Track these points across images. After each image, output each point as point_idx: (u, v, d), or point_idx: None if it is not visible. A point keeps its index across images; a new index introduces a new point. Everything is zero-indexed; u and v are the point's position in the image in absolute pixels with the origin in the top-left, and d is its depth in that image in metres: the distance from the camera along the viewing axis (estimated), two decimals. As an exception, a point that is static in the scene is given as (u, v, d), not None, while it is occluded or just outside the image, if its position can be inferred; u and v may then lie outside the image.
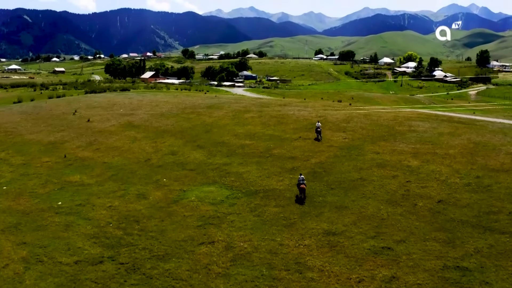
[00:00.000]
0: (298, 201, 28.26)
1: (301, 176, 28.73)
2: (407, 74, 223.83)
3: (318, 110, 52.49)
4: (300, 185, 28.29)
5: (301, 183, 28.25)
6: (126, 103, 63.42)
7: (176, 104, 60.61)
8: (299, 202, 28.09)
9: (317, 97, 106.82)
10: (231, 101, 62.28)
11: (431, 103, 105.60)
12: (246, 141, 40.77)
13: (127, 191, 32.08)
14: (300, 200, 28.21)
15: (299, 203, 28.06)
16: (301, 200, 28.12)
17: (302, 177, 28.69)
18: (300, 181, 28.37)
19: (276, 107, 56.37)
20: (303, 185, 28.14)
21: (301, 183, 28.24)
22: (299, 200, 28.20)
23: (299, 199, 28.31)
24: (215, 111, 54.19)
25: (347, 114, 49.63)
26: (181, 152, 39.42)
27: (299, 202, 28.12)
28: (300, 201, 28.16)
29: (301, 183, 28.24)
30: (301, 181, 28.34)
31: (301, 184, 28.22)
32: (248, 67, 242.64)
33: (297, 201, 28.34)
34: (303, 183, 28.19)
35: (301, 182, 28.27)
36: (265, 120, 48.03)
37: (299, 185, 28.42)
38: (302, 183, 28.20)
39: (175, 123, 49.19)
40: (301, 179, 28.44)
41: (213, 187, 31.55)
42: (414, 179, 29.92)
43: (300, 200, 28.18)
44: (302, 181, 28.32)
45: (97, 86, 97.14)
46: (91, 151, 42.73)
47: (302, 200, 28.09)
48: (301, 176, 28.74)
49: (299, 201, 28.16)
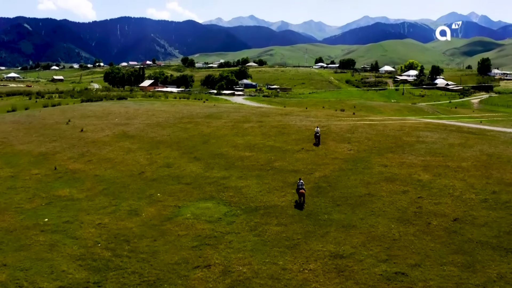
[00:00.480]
0: (297, 206, 27.84)
1: (301, 181, 28.52)
2: (409, 83, 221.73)
3: (320, 120, 50.46)
4: (299, 190, 27.98)
5: (300, 187, 27.99)
6: (121, 112, 61.42)
7: (173, 113, 58.60)
8: (299, 207, 27.69)
9: (318, 106, 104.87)
10: (230, 110, 60.28)
11: (435, 112, 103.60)
12: (245, 152, 38.70)
13: (118, 207, 30.04)
14: (299, 205, 27.84)
15: (298, 208, 27.61)
16: (301, 205, 27.76)
17: (302, 181, 28.51)
18: (299, 185, 28.13)
19: (277, 116, 54.36)
20: (302, 189, 27.88)
21: (300, 188, 27.99)
22: (299, 206, 27.83)
23: (298, 205, 27.93)
24: (213, 121, 52.18)
25: (351, 124, 47.61)
26: (177, 164, 37.36)
27: (298, 207, 27.70)
28: (299, 206, 27.76)
29: (300, 188, 27.99)
30: (300, 186, 28.11)
31: (300, 189, 27.93)
32: (248, 76, 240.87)
33: (296, 206, 27.90)
34: (302, 188, 27.96)
35: (300, 187, 28.03)
36: (265, 131, 45.97)
37: (298, 189, 28.11)
38: (301, 188, 27.95)
39: (172, 133, 47.14)
40: (300, 184, 28.21)
41: (210, 203, 29.47)
42: (426, 194, 27.85)
43: (299, 205, 27.81)
44: (301, 186, 28.08)
45: (94, 95, 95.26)
46: (82, 162, 40.71)
47: (301, 205, 27.74)
48: (300, 181, 28.53)
49: (298, 206, 27.76)
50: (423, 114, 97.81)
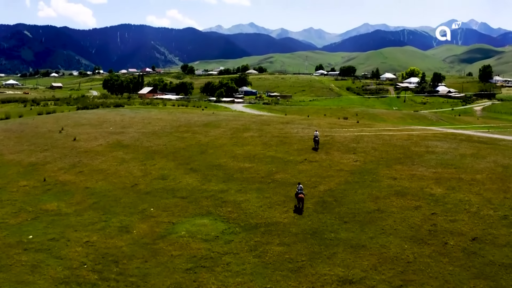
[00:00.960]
0: (296, 211, 27.35)
1: (300, 186, 28.07)
2: (410, 90, 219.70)
3: (324, 129, 48.34)
4: (298, 195, 27.48)
5: (300, 192, 27.48)
6: (117, 120, 59.29)
7: (170, 121, 56.46)
8: (298, 212, 27.17)
9: (320, 113, 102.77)
10: (229, 119, 58.15)
11: (439, 120, 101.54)
12: (245, 164, 36.57)
13: (108, 223, 27.95)
14: (298, 210, 27.33)
15: (297, 213, 27.08)
16: (300, 210, 27.25)
17: (301, 186, 28.05)
18: (299, 190, 27.63)
19: (278, 125, 52.22)
20: (301, 194, 27.40)
21: (299, 193, 27.48)
22: (298, 210, 27.33)
23: (297, 209, 27.43)
24: (211, 130, 50.03)
25: (355, 132, 45.50)
26: (173, 176, 35.23)
27: (297, 212, 27.19)
28: (298, 211, 27.24)
29: (299, 193, 27.48)
30: (299, 190, 27.59)
31: (299, 194, 27.42)
32: (248, 83, 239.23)
33: (295, 211, 27.40)
34: (301, 193, 27.47)
35: (299, 192, 27.52)
36: (266, 140, 43.83)
37: (297, 194, 27.60)
38: (300, 193, 27.46)
39: (168, 142, 44.99)
40: (299, 189, 27.72)
41: (207, 219, 27.34)
42: (440, 210, 25.75)
43: (298, 210, 27.30)
44: (300, 190, 27.57)
45: (90, 102, 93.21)
46: (73, 174, 38.63)
47: (300, 210, 27.23)
48: (299, 186, 28.09)
49: (297, 211, 27.25)
50: (426, 122, 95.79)
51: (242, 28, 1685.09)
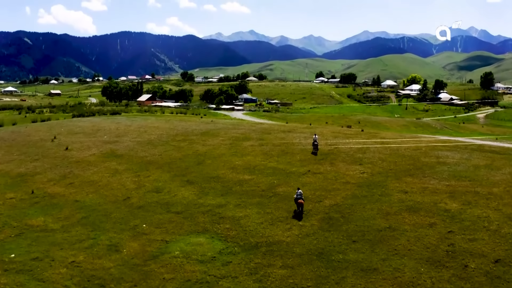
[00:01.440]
0: (296, 216, 26.69)
1: (299, 191, 27.47)
2: (412, 97, 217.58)
3: (327, 138, 46.24)
4: (298, 200, 26.85)
5: (299, 197, 26.87)
6: (112, 128, 57.19)
7: (167, 130, 54.33)
8: (297, 217, 26.51)
9: (321, 121, 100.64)
10: (228, 127, 56.02)
11: (443, 128, 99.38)
12: (245, 175, 34.41)
13: (97, 241, 25.85)
14: (298, 215, 26.64)
15: (297, 218, 26.42)
16: (299, 215, 26.56)
17: (300, 191, 27.43)
18: (298, 195, 27.02)
19: (279, 133, 50.09)
20: (301, 200, 26.79)
21: (299, 198, 26.87)
22: (297, 215, 26.66)
23: (297, 214, 26.76)
24: (210, 139, 47.88)
25: (361, 142, 43.39)
26: (167, 189, 33.08)
27: (297, 217, 26.53)
28: (298, 216, 26.56)
29: (299, 198, 26.87)
30: (299, 195, 27.00)
31: (299, 199, 26.82)
32: (248, 90, 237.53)
33: (294, 216, 26.73)
34: (301, 198, 26.86)
35: (299, 197, 26.90)
36: (267, 150, 41.68)
37: (296, 199, 26.98)
38: (300, 198, 26.85)
39: (164, 152, 42.84)
40: (299, 194, 27.13)
41: (203, 237, 25.20)
42: (457, 228, 23.63)
43: (298, 215, 26.61)
44: (300, 195, 26.98)
45: (87, 110, 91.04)
46: (63, 185, 36.53)
47: (300, 215, 26.56)
48: (299, 191, 27.48)
49: (297, 216, 26.58)
50: (431, 129, 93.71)
51: (242, 36, 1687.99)
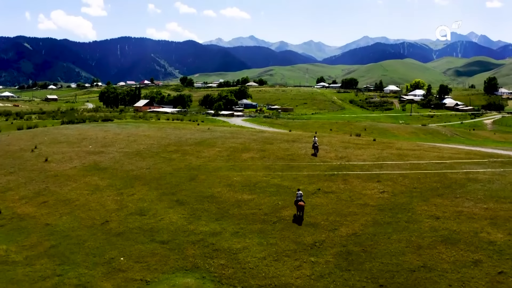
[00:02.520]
0: (296, 220, 24.74)
1: (299, 192, 25.63)
2: (415, 103, 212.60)
3: (337, 148, 41.32)
4: (298, 202, 24.94)
5: (299, 199, 25.01)
6: (99, 137, 52.28)
7: (159, 139, 49.39)
8: (297, 222, 24.54)
9: (325, 128, 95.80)
10: (226, 136, 51.11)
11: (453, 135, 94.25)
12: (244, 194, 29.45)
13: (63, 278, 21.25)
14: (298, 219, 24.73)
15: (297, 223, 24.41)
16: (299, 220, 24.65)
17: (301, 192, 25.60)
18: (298, 197, 25.15)
19: (282, 143, 45.10)
20: (301, 202, 24.96)
21: (299, 200, 25.00)
22: (297, 220, 24.70)
23: (297, 219, 24.82)
24: (205, 149, 42.91)
25: (375, 154, 38.45)
26: (153, 210, 28.19)
27: (297, 222, 24.55)
28: (298, 220, 24.65)
29: (299, 200, 25.00)
30: (299, 197, 25.14)
31: (299, 201, 24.95)
32: (248, 96, 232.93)
33: (294, 220, 24.77)
34: (301, 200, 25.02)
35: (299, 199, 25.05)
36: (269, 163, 36.75)
37: (297, 202, 25.05)
38: (300, 200, 25.00)
39: (152, 165, 37.91)
40: (299, 195, 25.27)
41: (192, 277, 20.40)
42: (508, 267, 18.78)
43: (298, 220, 24.69)
44: (300, 197, 25.13)
45: (78, 116, 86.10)
46: (36, 205, 31.79)
47: (300, 220, 24.64)
48: (299, 192, 25.64)
49: (297, 221, 24.61)
50: (441, 137, 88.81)
51: (242, 41, 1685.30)
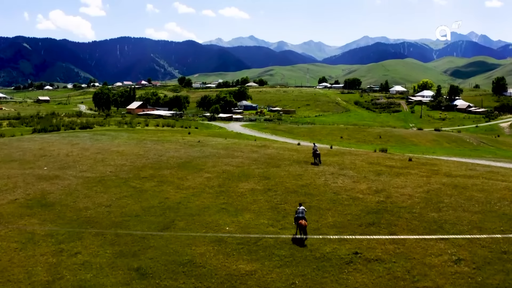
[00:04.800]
0: (296, 241, 19.75)
1: (301, 208, 20.68)
2: (424, 104, 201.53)
3: (367, 175, 30.82)
4: (299, 220, 20.20)
5: (301, 216, 20.14)
6: (62, 153, 41.84)
7: (134, 157, 38.93)
8: (299, 243, 19.54)
9: (334, 135, 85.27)
10: (219, 153, 40.57)
11: (479, 143, 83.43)
12: (240, 262, 18.85)
13: None
14: (299, 241, 19.62)
15: (298, 244, 19.48)
16: (301, 241, 19.60)
17: (303, 208, 20.75)
18: (299, 214, 20.29)
19: (292, 166, 34.53)
20: (303, 220, 20.06)
21: (300, 217, 20.16)
22: (299, 241, 19.65)
23: (297, 240, 19.79)
24: (190, 175, 32.42)
25: (420, 183, 28.12)
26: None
27: (298, 243, 19.57)
28: (300, 242, 19.56)
29: (300, 217, 20.16)
30: (300, 214, 20.27)
31: (300, 219, 20.16)
32: (247, 97, 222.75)
33: (294, 241, 19.79)
34: (303, 218, 20.13)
35: (300, 216, 20.19)
36: (277, 200, 26.30)
37: (297, 219, 20.33)
38: (302, 217, 20.10)
39: (116, 201, 27.40)
40: (300, 212, 20.36)
41: None
42: None
43: (299, 241, 19.60)
44: (302, 214, 20.26)
45: (57, 122, 75.55)
46: None
47: (302, 241, 19.61)
48: (300, 208, 20.69)
49: (298, 242, 19.61)
50: (467, 146, 78.33)
51: (242, 41, 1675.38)
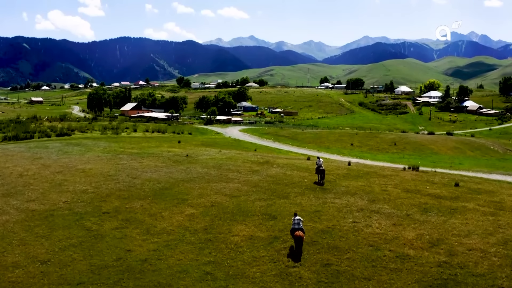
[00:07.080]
0: (292, 255, 17.53)
1: (297, 217, 18.35)
2: (432, 105, 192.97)
3: (409, 211, 22.24)
4: (295, 232, 17.75)
5: (297, 228, 17.79)
6: (15, 172, 33.66)
7: (102, 178, 30.66)
8: (294, 258, 17.30)
9: (344, 142, 77.20)
10: (210, 174, 32.12)
11: (506, 151, 75.07)
12: None
13: None
14: (296, 255, 17.42)
15: (293, 259, 17.22)
16: (298, 256, 17.38)
17: (298, 217, 18.38)
18: (296, 225, 17.93)
19: (305, 197, 25.73)
20: (299, 231, 17.65)
21: (296, 229, 17.79)
22: (294, 256, 17.40)
23: (293, 253, 17.61)
24: (167, 210, 23.98)
25: (487, 227, 20.06)
26: None
27: (293, 257, 17.32)
28: (295, 256, 17.35)
29: (296, 229, 17.79)
30: (296, 225, 17.91)
31: (296, 230, 17.71)
32: (247, 97, 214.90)
33: (290, 255, 17.60)
34: (300, 229, 17.75)
35: (296, 227, 17.83)
36: (288, 260, 17.70)
37: (293, 231, 17.88)
38: (298, 229, 17.73)
39: (58, 252, 18.70)
40: (296, 222, 18.05)
41: None
42: None
43: (296, 255, 17.40)
44: (298, 225, 17.88)
45: (34, 127, 67.22)
46: None
47: (298, 256, 17.38)
48: (296, 218, 18.34)
49: (293, 257, 17.36)
50: (493, 154, 70.28)
51: (242, 41, 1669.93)
